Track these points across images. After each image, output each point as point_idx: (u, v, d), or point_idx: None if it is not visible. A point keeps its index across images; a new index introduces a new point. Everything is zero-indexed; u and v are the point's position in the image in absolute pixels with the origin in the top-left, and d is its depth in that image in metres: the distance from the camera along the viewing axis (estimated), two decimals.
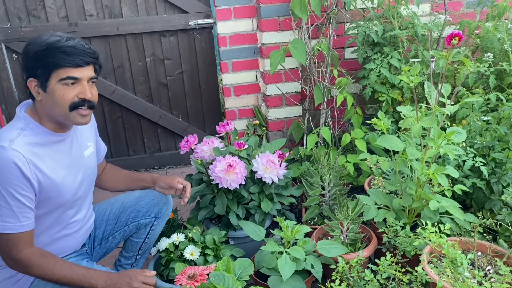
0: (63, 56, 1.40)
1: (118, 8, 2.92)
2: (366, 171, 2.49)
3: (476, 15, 2.77)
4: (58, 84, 1.41)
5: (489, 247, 1.58)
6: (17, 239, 1.40)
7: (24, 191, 1.38)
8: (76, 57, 1.41)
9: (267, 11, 2.65)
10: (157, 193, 1.86)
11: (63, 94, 1.42)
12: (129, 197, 1.86)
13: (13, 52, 2.86)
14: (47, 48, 1.40)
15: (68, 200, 1.55)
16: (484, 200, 1.96)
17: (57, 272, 1.45)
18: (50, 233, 1.56)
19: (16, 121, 1.47)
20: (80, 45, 1.44)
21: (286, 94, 2.82)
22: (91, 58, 1.45)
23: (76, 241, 1.67)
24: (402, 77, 1.66)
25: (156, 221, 1.85)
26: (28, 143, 1.41)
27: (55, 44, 1.40)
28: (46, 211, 1.51)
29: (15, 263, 1.44)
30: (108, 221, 1.83)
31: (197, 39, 3.09)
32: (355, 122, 2.58)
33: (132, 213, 1.82)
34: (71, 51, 1.41)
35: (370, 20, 2.44)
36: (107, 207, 1.86)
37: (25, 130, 1.43)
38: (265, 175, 1.97)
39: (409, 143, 1.74)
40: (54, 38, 1.42)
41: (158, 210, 1.85)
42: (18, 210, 1.38)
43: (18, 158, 1.36)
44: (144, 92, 3.15)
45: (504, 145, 1.94)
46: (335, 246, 1.74)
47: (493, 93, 2.03)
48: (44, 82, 1.42)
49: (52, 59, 1.40)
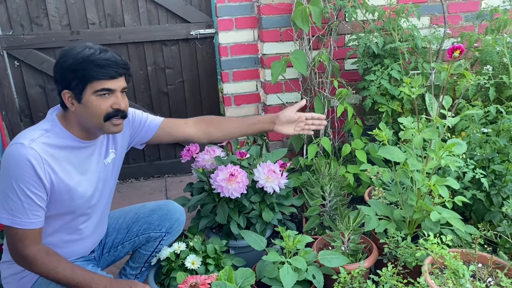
0: (98, 69, 1.42)
1: (121, 17, 2.94)
2: (366, 182, 2.50)
3: (474, 28, 2.81)
4: (93, 95, 1.44)
5: (490, 259, 1.59)
6: (25, 235, 1.42)
7: (36, 190, 1.40)
8: (111, 69, 1.44)
9: (269, 22, 2.68)
10: (171, 208, 1.87)
11: (99, 105, 1.45)
12: (143, 209, 1.87)
13: (15, 59, 2.87)
14: (83, 61, 1.42)
15: (81, 206, 1.56)
16: (484, 211, 1.97)
17: (59, 271, 1.46)
18: (60, 235, 1.58)
19: (44, 123, 1.51)
20: (113, 57, 1.46)
21: (286, 104, 2.83)
22: (123, 69, 1.49)
23: (86, 247, 1.68)
24: (404, 89, 1.68)
25: (166, 236, 1.85)
26: (47, 144, 1.44)
27: (90, 57, 1.42)
28: (57, 213, 1.52)
29: (20, 258, 1.46)
30: (120, 230, 1.84)
31: (198, 49, 3.11)
32: (355, 133, 2.60)
33: (144, 224, 1.83)
34: (105, 63, 1.43)
35: (371, 32, 2.47)
36: (120, 215, 1.87)
37: (48, 132, 1.47)
38: (267, 185, 1.98)
39: (410, 154, 1.75)
40: (88, 51, 1.44)
41: (170, 225, 1.85)
42: (28, 207, 1.40)
43: (34, 157, 1.38)
44: (145, 101, 3.16)
45: (504, 157, 1.96)
46: (337, 256, 1.74)
47: (492, 106, 2.05)
48: (79, 94, 1.44)
49: (87, 72, 1.42)
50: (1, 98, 2.89)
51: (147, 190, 3.13)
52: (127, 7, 2.93)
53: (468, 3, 2.90)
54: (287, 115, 1.85)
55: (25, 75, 2.92)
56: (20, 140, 1.41)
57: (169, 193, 3.07)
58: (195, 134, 1.87)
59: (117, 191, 3.14)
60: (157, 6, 2.97)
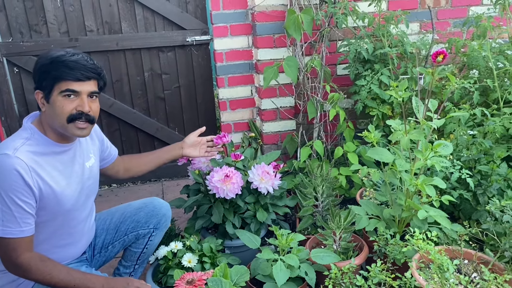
0: (66, 69, 1.47)
1: (118, 24, 3.01)
2: (358, 184, 2.56)
3: (462, 34, 2.89)
4: (59, 96, 1.49)
5: (474, 255, 1.65)
6: (17, 243, 1.44)
7: (25, 197, 1.43)
8: (77, 71, 1.48)
9: (262, 29, 2.75)
10: (157, 204, 1.92)
11: (62, 106, 1.49)
12: (129, 208, 1.92)
13: (14, 66, 2.93)
14: (52, 62, 1.48)
15: (68, 210, 1.59)
16: (471, 211, 2.03)
17: (55, 276, 1.48)
18: (51, 241, 1.61)
19: (22, 131, 1.53)
20: (83, 60, 1.51)
21: (280, 108, 2.90)
22: (92, 73, 1.52)
23: (77, 250, 1.72)
24: (391, 92, 1.74)
25: (154, 231, 1.91)
26: (31, 152, 1.47)
27: (59, 58, 1.49)
28: (47, 219, 1.55)
29: (14, 267, 1.47)
30: (108, 231, 1.88)
31: (194, 55, 3.18)
32: (347, 136, 2.66)
33: (131, 223, 1.88)
34: (73, 65, 1.48)
35: (361, 38, 2.55)
36: (107, 216, 1.91)
37: (29, 140, 1.50)
38: (261, 186, 2.04)
39: (398, 155, 1.81)
40: (60, 53, 1.50)
41: (157, 221, 1.90)
42: (19, 216, 1.42)
43: (21, 166, 1.41)
44: (142, 106, 3.22)
45: (489, 158, 2.03)
46: (328, 254, 1.80)
47: (478, 109, 2.13)
48: (48, 93, 1.49)
49: (55, 72, 1.47)
50: (1, 104, 2.94)
51: (144, 194, 3.18)
52: (125, 15, 3.00)
53: (456, 9, 2.99)
54: (191, 138, 2.10)
55: (24, 81, 2.97)
56: (3, 151, 1.43)
57: (166, 196, 3.12)
58: (120, 171, 2.01)
59: (115, 195, 3.19)
60: (154, 14, 3.04)
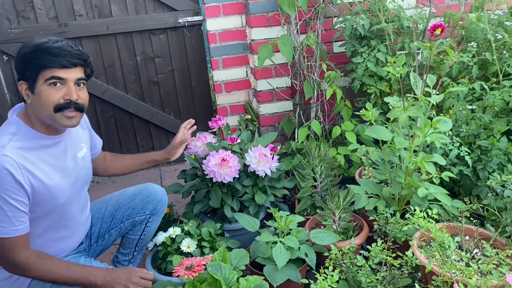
0: (49, 56, 1.40)
1: (108, 7, 2.94)
2: (357, 163, 2.54)
3: (460, 7, 2.83)
4: (44, 85, 1.41)
5: (475, 231, 1.64)
6: (13, 243, 1.40)
7: (17, 196, 1.38)
8: (62, 58, 1.42)
9: (256, 7, 2.69)
10: (152, 190, 1.88)
11: (48, 95, 1.41)
12: (124, 195, 1.88)
13: (3, 53, 2.87)
14: (34, 50, 1.41)
15: (63, 203, 1.55)
16: (472, 186, 2.01)
17: (55, 272, 1.45)
18: (47, 235, 1.57)
19: (8, 126, 1.46)
20: (67, 46, 1.44)
21: (276, 89, 2.86)
22: (78, 59, 1.45)
23: (74, 242, 1.69)
24: (388, 68, 1.70)
25: (151, 217, 1.88)
26: (19, 148, 1.41)
27: (42, 45, 1.42)
28: (42, 214, 1.51)
29: (12, 267, 1.44)
30: (104, 219, 1.86)
31: (187, 37, 3.12)
32: (345, 115, 2.63)
33: (127, 210, 1.85)
34: (57, 52, 1.42)
35: (357, 14, 2.49)
36: (102, 205, 1.88)
37: (16, 135, 1.43)
38: (258, 168, 2.01)
39: (397, 133, 1.78)
40: (42, 40, 1.43)
41: (153, 207, 1.87)
42: (12, 215, 1.38)
43: (10, 164, 1.35)
44: (136, 91, 3.17)
45: (489, 132, 2.00)
46: (328, 234, 1.79)
47: (477, 83, 2.08)
48: (32, 84, 1.43)
49: (38, 60, 1.40)
50: None
51: (142, 179, 3.15)
52: None
53: None
54: (173, 144, 2.05)
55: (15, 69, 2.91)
56: None
57: (164, 181, 3.10)
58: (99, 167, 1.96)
59: (112, 181, 3.17)
60: None
